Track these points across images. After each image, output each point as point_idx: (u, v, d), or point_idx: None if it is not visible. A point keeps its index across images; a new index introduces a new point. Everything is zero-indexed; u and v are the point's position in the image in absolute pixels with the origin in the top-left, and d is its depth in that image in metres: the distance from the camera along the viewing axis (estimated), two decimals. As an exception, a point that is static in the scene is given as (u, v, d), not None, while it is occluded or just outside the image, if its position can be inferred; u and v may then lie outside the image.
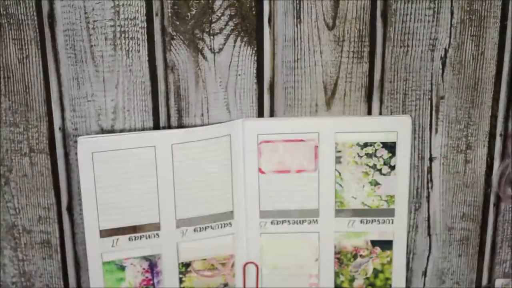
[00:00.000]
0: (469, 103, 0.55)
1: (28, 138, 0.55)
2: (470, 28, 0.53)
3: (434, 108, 0.55)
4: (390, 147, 0.55)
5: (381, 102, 0.54)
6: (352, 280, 0.59)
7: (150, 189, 0.55)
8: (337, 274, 0.58)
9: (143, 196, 0.54)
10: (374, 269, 0.58)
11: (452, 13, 0.52)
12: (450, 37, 0.53)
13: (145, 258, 0.57)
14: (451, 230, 0.59)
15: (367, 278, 0.59)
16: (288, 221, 0.56)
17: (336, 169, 0.55)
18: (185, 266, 0.58)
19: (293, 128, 0.54)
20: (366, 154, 0.55)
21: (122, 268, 0.57)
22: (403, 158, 0.55)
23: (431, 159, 0.56)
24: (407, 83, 0.54)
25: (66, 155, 0.56)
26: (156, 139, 0.54)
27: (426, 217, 0.58)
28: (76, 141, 0.55)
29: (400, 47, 0.53)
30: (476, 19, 0.53)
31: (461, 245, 0.59)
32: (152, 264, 0.56)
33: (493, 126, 0.55)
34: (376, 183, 0.56)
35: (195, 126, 0.55)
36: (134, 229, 0.55)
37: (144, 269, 0.57)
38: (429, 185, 0.57)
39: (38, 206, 0.57)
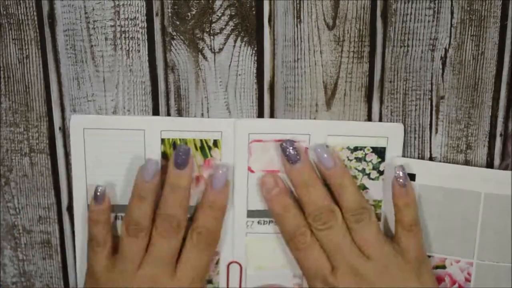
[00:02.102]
0: (469, 103, 0.55)
1: (28, 138, 0.55)
2: (470, 28, 0.53)
3: (434, 108, 0.55)
4: (380, 152, 0.55)
5: (381, 102, 0.54)
6: None
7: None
8: None
9: (131, 177, 0.54)
10: None
11: (452, 13, 0.53)
12: (450, 37, 0.53)
13: None
14: (451, 230, 0.59)
15: None
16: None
17: None
18: None
19: (285, 129, 0.54)
20: (355, 158, 0.55)
21: None
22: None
23: (431, 159, 0.56)
24: (407, 83, 0.54)
25: (66, 155, 0.56)
26: (146, 123, 0.54)
27: (426, 217, 0.58)
28: (76, 141, 0.55)
29: (400, 47, 0.53)
30: (476, 19, 0.53)
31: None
32: None
33: (493, 126, 0.55)
34: (364, 187, 0.55)
35: (195, 126, 0.55)
36: (120, 209, 0.55)
37: None
38: (429, 185, 0.57)
39: (38, 206, 0.57)
